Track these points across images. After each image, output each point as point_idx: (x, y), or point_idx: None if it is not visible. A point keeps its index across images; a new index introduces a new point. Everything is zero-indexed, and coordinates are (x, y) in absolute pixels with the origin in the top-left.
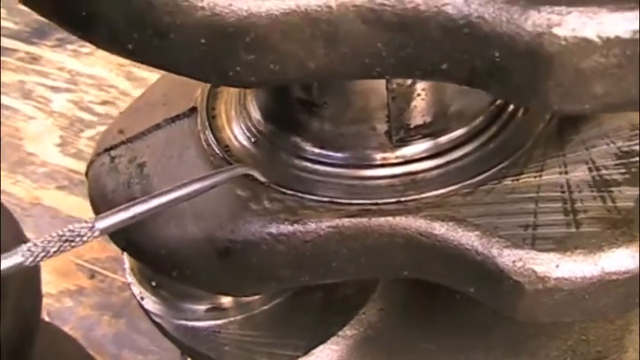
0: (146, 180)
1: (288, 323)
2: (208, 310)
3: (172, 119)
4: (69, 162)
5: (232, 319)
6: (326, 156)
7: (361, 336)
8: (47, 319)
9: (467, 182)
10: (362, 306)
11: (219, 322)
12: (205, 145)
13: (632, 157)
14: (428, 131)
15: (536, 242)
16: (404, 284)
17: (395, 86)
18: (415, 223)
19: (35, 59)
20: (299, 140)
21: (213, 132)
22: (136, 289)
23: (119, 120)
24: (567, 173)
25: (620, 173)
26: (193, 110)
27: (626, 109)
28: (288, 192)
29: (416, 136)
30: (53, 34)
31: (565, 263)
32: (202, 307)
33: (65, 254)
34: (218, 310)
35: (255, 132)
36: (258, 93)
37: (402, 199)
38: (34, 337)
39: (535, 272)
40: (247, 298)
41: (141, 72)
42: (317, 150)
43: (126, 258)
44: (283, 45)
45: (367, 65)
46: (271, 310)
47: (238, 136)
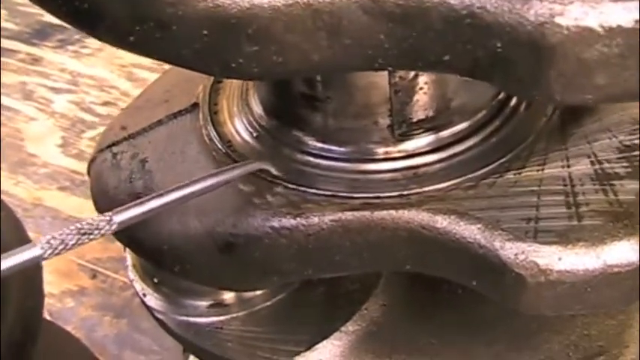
0: (148, 176)
1: (290, 319)
2: (210, 307)
3: (174, 115)
4: (70, 163)
5: (235, 315)
6: (328, 150)
7: (364, 331)
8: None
9: (469, 176)
10: (364, 301)
11: (221, 318)
12: (207, 141)
13: (633, 151)
14: (430, 125)
15: (538, 235)
16: (406, 280)
17: (397, 80)
18: (418, 217)
19: (36, 60)
20: (301, 135)
21: (215, 127)
22: (139, 286)
23: (121, 117)
24: (569, 167)
25: (622, 167)
26: (195, 106)
27: (628, 100)
28: (290, 186)
29: (418, 130)
30: (54, 35)
31: (567, 256)
32: (204, 304)
33: (66, 254)
34: (220, 307)
35: (257, 127)
36: (260, 88)
37: (405, 193)
38: (37, 336)
39: (537, 265)
40: (249, 294)
41: (142, 73)
42: (319, 144)
43: (128, 255)
44: (286, 36)
45: (370, 57)
46: (274, 306)
47: (240, 131)
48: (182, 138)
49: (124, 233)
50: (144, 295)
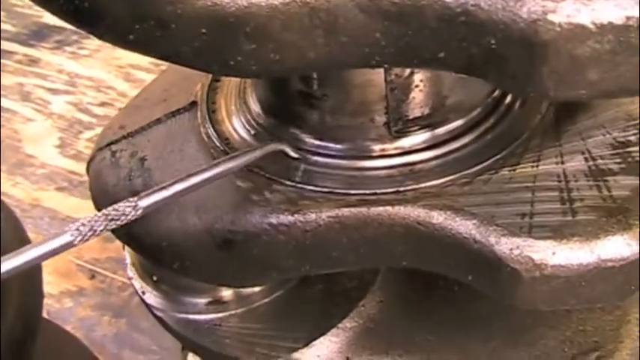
0: (147, 173)
1: (288, 316)
2: (209, 304)
3: (173, 114)
4: (68, 163)
5: (233, 312)
6: (325, 147)
7: (361, 328)
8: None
9: (465, 172)
10: (361, 298)
11: (220, 315)
12: (206, 139)
13: (627, 147)
14: (426, 122)
15: (533, 230)
16: (403, 277)
17: (393, 78)
18: (414, 213)
19: (34, 61)
20: (299, 132)
21: (213, 125)
22: (138, 284)
23: (120, 116)
24: (564, 163)
25: (615, 163)
26: (193, 105)
27: (621, 96)
28: (288, 183)
29: (414, 128)
30: (52, 37)
31: (561, 251)
32: (203, 301)
33: (65, 255)
34: (219, 304)
35: (255, 125)
36: (257, 86)
37: (401, 189)
38: (36, 334)
39: (532, 260)
40: (247, 292)
41: (139, 73)
42: (316, 142)
43: (127, 253)
44: (283, 35)
45: (366, 54)
46: (271, 303)
47: (238, 129)
48: (180, 136)
49: (123, 231)
50: (143, 293)
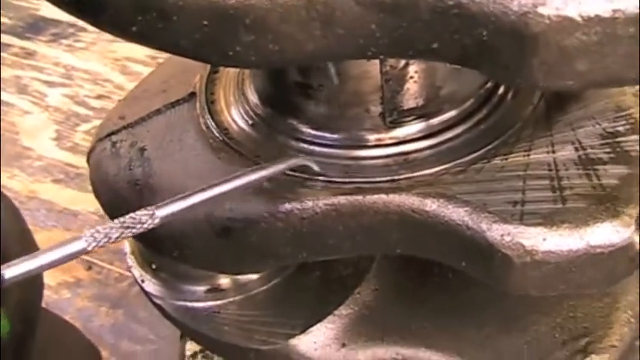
0: (147, 163)
1: (285, 303)
2: (208, 291)
3: (172, 104)
4: (65, 156)
5: (231, 300)
6: (322, 137)
7: (356, 315)
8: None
9: (458, 161)
10: (357, 286)
11: (218, 303)
12: (204, 129)
13: (616, 137)
14: (420, 113)
15: (524, 217)
16: (398, 265)
17: (388, 69)
18: (408, 201)
19: (30, 54)
20: (296, 122)
21: (212, 116)
22: (137, 272)
23: (119, 107)
24: (554, 152)
25: (605, 152)
26: (192, 95)
27: (608, 86)
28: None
29: (409, 118)
30: (48, 29)
31: (552, 237)
32: (202, 289)
33: None
34: (217, 291)
35: (253, 115)
36: (255, 77)
37: (396, 178)
38: (36, 327)
39: (523, 246)
40: (245, 279)
41: (135, 66)
42: (313, 131)
43: (126, 242)
44: (281, 26)
45: (362, 46)
46: (269, 291)
47: (237, 120)
48: (180, 127)
49: None
50: (142, 282)
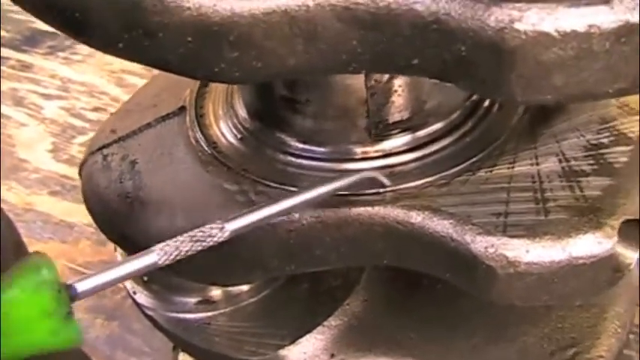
0: (137, 176)
1: (275, 314)
2: (199, 303)
3: (162, 118)
4: (61, 168)
5: (222, 311)
6: (309, 150)
7: (345, 326)
8: None
9: (443, 174)
10: (346, 297)
11: (209, 314)
12: (194, 142)
13: (600, 149)
14: (406, 126)
15: (507, 229)
16: (386, 277)
17: (373, 83)
18: (393, 213)
19: (27, 67)
20: (283, 136)
21: (201, 130)
22: (129, 284)
23: (111, 120)
24: (538, 164)
25: (588, 164)
26: (182, 109)
27: (584, 100)
28: (273, 185)
29: (394, 131)
30: (45, 42)
31: (535, 249)
32: (192, 300)
33: (57, 259)
34: (208, 303)
35: (241, 129)
36: (244, 92)
37: (381, 191)
38: None
39: (506, 257)
40: (236, 291)
41: (131, 78)
42: (300, 145)
43: (119, 255)
44: (265, 42)
45: (344, 61)
46: (259, 302)
47: (225, 134)
48: (170, 140)
49: (114, 231)
50: (134, 293)
